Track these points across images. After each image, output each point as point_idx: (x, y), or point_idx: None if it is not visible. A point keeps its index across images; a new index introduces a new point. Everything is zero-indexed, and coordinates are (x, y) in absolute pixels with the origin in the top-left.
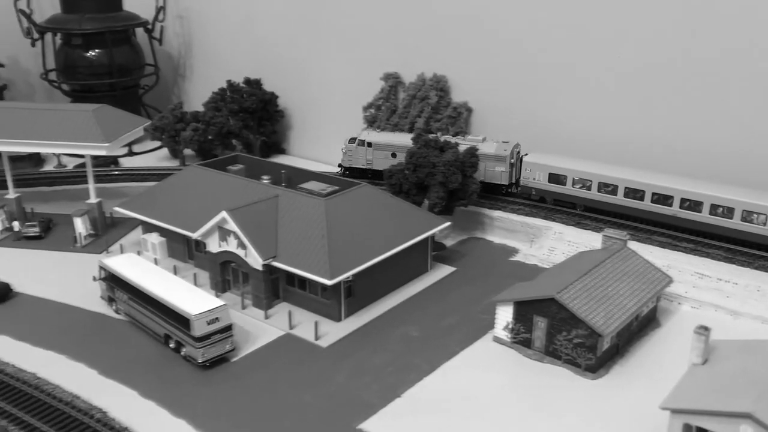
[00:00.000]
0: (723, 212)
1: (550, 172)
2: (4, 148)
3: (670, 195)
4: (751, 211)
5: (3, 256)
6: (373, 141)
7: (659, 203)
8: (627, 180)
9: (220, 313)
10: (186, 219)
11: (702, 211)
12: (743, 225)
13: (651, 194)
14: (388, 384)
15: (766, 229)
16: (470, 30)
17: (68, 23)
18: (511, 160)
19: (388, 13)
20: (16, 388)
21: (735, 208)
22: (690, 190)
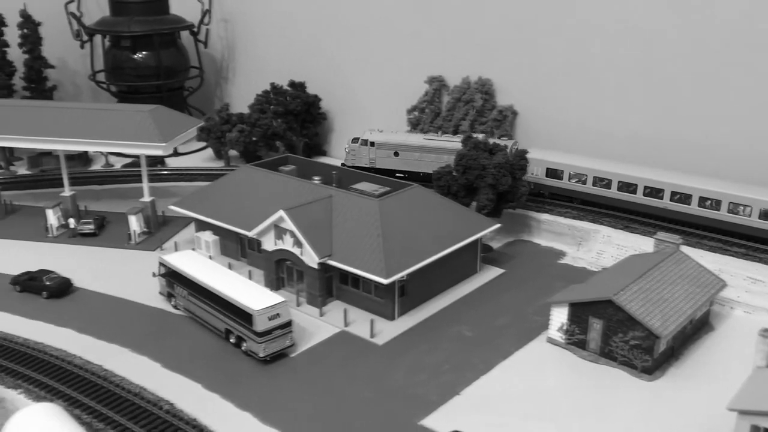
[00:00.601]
0: (711, 204)
1: (548, 167)
2: (62, 147)
3: (660, 188)
4: (737, 203)
5: (60, 252)
6: (376, 140)
7: (651, 196)
8: (620, 174)
9: (281, 309)
10: (240, 218)
11: (691, 204)
12: (730, 216)
13: (643, 187)
14: (446, 382)
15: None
16: (516, 34)
17: (117, 26)
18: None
19: (433, 18)
20: (85, 378)
21: (722, 200)
22: (679, 183)
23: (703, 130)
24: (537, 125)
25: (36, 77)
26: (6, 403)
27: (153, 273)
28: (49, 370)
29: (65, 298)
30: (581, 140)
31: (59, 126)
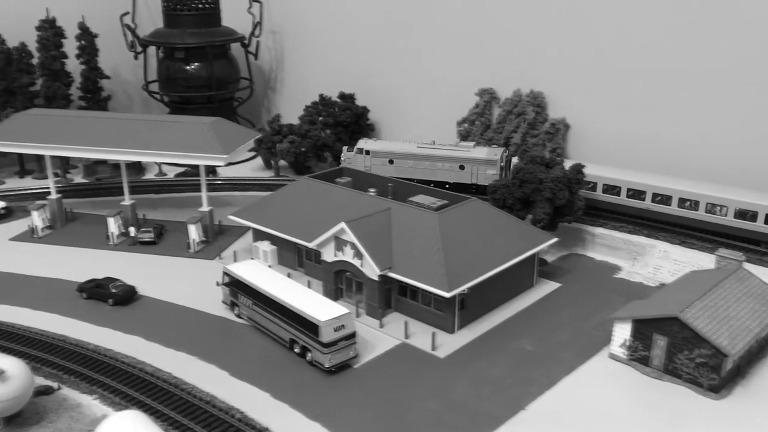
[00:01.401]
0: (690, 205)
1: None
2: (126, 158)
3: (642, 191)
4: (714, 204)
5: (121, 260)
6: (371, 149)
7: (634, 198)
8: (605, 177)
9: (346, 321)
10: (298, 228)
11: (671, 205)
12: (707, 216)
13: (626, 190)
14: (509, 396)
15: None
16: (569, 46)
17: (171, 37)
18: (501, 163)
19: (484, 30)
20: (157, 385)
21: (700, 201)
22: (661, 185)
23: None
24: (591, 137)
25: (92, 87)
26: (83, 409)
27: (217, 282)
28: (122, 377)
29: (130, 306)
30: (635, 154)
31: (123, 137)
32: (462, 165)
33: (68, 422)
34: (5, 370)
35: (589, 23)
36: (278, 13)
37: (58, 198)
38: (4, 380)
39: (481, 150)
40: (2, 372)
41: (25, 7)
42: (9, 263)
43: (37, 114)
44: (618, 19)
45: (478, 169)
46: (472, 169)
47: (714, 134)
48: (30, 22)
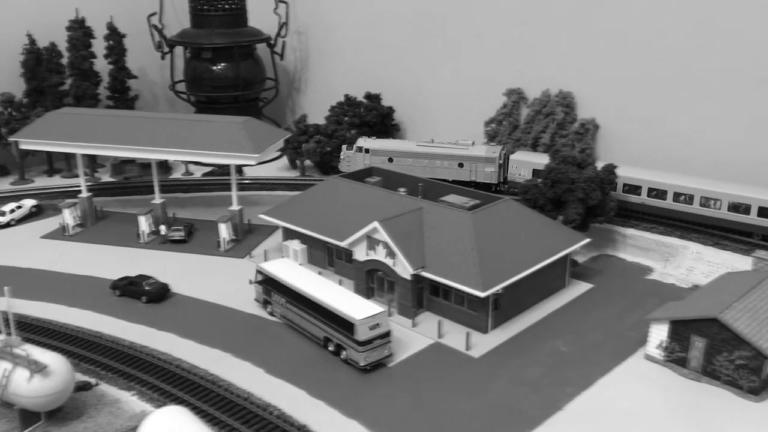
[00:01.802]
0: (685, 199)
1: (534, 168)
2: (157, 157)
3: (638, 185)
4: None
5: (152, 258)
6: (371, 147)
7: (630, 193)
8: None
9: (381, 319)
10: (329, 227)
11: (667, 199)
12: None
13: (622, 185)
14: (546, 396)
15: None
16: (599, 46)
17: (198, 38)
18: (499, 161)
19: (512, 30)
20: (195, 382)
21: (694, 195)
22: (656, 180)
23: None
24: (622, 137)
25: (120, 87)
26: (121, 405)
27: (250, 280)
28: (160, 373)
29: (163, 303)
30: (665, 154)
31: (155, 136)
32: (461, 163)
33: (108, 417)
34: (48, 365)
35: (619, 23)
36: (303, 14)
37: (88, 196)
38: (47, 375)
39: (479, 148)
40: (45, 367)
41: (54, 7)
42: (42, 260)
43: (69, 113)
44: (648, 20)
45: (476, 166)
46: (471, 166)
47: (745, 135)
48: (59, 23)
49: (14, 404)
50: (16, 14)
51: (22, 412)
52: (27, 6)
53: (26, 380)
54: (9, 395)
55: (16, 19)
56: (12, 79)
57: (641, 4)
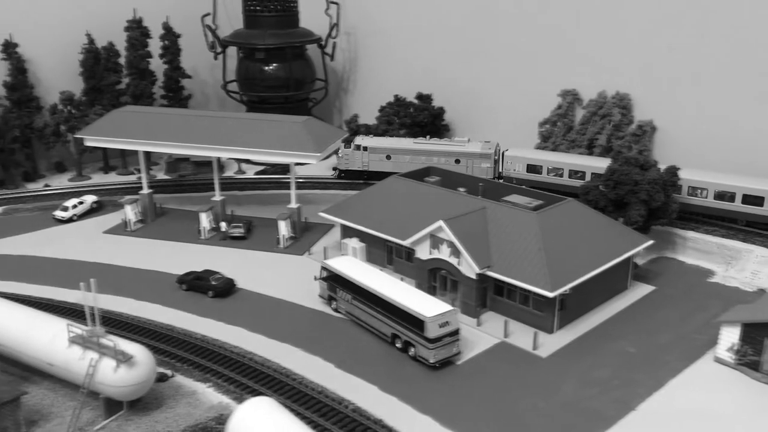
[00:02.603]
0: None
1: (528, 163)
2: (219, 155)
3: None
4: None
5: (212, 253)
6: (369, 145)
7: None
8: (594, 167)
9: (450, 317)
10: (390, 226)
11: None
12: None
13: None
14: (617, 397)
15: None
16: (655, 48)
17: (252, 38)
18: (495, 157)
19: (567, 32)
20: (269, 375)
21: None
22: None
23: None
24: (680, 139)
25: (174, 86)
26: (198, 396)
27: (315, 276)
28: (234, 366)
29: (229, 298)
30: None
31: (217, 134)
32: (458, 159)
33: (187, 408)
34: (134, 356)
35: (677, 24)
36: (353, 15)
37: (149, 193)
38: (132, 365)
39: (475, 144)
40: (131, 357)
41: (112, 7)
42: (106, 255)
43: (132, 111)
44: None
45: (473, 162)
46: (468, 162)
47: None
48: (117, 23)
49: (99, 393)
50: (76, 14)
51: (106, 400)
52: (86, 6)
53: (113, 370)
54: (95, 384)
55: (76, 19)
56: (72, 77)
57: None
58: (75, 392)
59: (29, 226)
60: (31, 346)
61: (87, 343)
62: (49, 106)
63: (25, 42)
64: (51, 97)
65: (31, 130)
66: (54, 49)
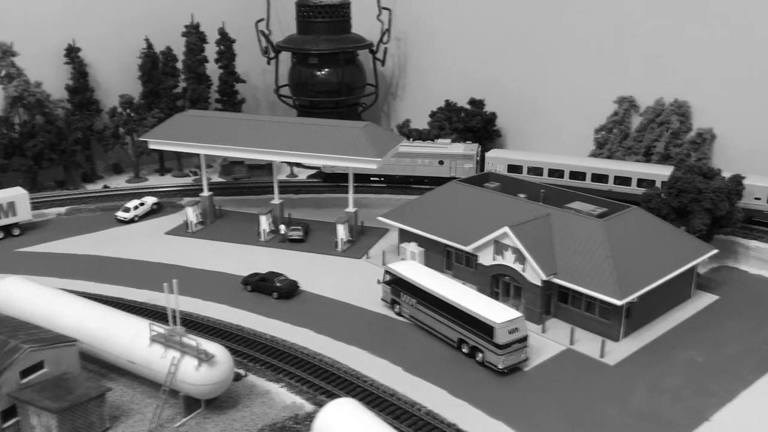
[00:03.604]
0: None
1: (509, 164)
2: (280, 159)
3: (605, 174)
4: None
5: (272, 255)
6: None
7: (597, 181)
8: (571, 165)
9: (519, 324)
10: (450, 231)
11: (631, 185)
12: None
13: (591, 175)
14: (690, 406)
15: None
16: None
17: (305, 44)
18: (476, 158)
19: (625, 38)
20: (340, 376)
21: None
22: (621, 168)
23: None
24: (739, 148)
25: (229, 91)
26: (272, 396)
27: (378, 280)
28: (305, 367)
29: (293, 300)
30: None
31: (278, 138)
32: (441, 160)
33: (262, 408)
34: (215, 355)
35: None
36: (403, 20)
37: (209, 195)
38: (213, 365)
39: (458, 146)
40: (212, 356)
41: (170, 13)
42: (169, 255)
43: (195, 115)
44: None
45: (456, 163)
46: (451, 163)
47: None
48: (174, 28)
49: (179, 391)
50: (135, 19)
51: (186, 398)
52: (145, 12)
53: (194, 369)
54: (176, 382)
55: (135, 25)
56: (130, 81)
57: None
58: (152, 389)
59: (92, 226)
60: (113, 344)
61: (169, 341)
62: (109, 109)
63: (86, 46)
64: (109, 101)
65: (92, 132)
66: (114, 54)
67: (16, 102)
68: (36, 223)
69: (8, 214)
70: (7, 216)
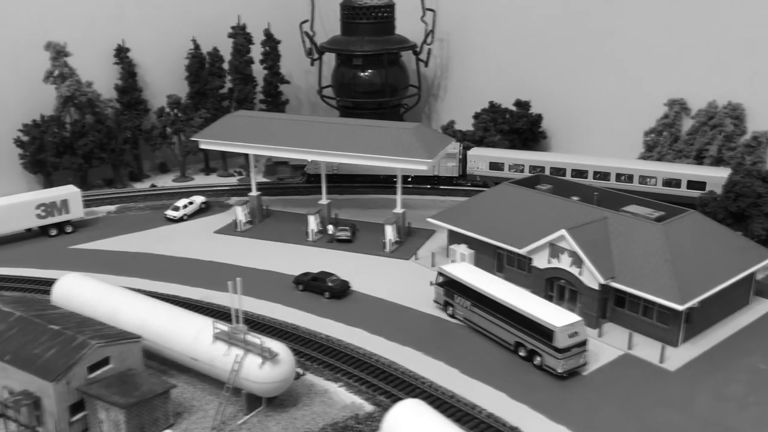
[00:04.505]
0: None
1: (491, 161)
2: (331, 159)
3: (585, 170)
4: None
5: (320, 255)
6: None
7: (579, 176)
8: (552, 162)
9: (579, 328)
10: (502, 233)
11: (610, 179)
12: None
13: (570, 170)
14: (756, 414)
15: None
16: None
17: (349, 45)
18: (459, 156)
19: (674, 37)
20: (398, 377)
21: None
22: (600, 164)
23: None
24: None
25: (273, 92)
26: (331, 395)
27: (430, 282)
28: (362, 367)
29: (345, 300)
30: None
31: (328, 139)
32: None
33: (322, 407)
34: (278, 353)
35: None
36: (446, 21)
37: (258, 195)
38: (277, 363)
39: None
40: (276, 355)
41: (217, 14)
42: (220, 254)
43: (245, 116)
44: None
45: (439, 162)
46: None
47: None
48: (220, 30)
49: (241, 389)
50: (183, 21)
51: (248, 396)
52: (192, 13)
53: (258, 366)
54: (239, 380)
55: (183, 26)
56: (177, 82)
57: None
58: (212, 386)
59: (142, 224)
60: (176, 341)
61: (232, 339)
62: (156, 109)
63: (135, 47)
64: (156, 101)
65: (140, 131)
66: (162, 55)
67: (68, 101)
68: (87, 221)
69: (62, 211)
70: (61, 213)
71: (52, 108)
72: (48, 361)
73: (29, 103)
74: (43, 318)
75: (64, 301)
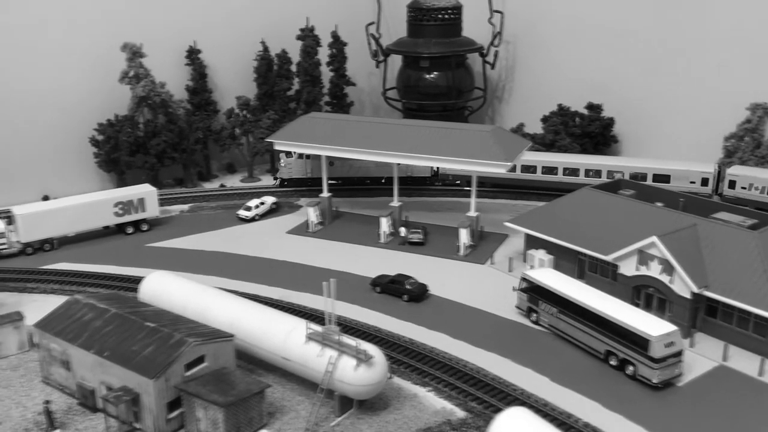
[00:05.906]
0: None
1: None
2: (405, 162)
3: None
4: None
5: (394, 258)
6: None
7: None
8: (541, 161)
9: (675, 338)
10: (584, 239)
11: (579, 176)
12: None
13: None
14: None
15: None
16: None
17: (416, 47)
18: None
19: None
20: (487, 383)
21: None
22: (569, 161)
23: None
24: None
25: (339, 93)
26: (420, 399)
27: (513, 287)
28: (450, 372)
29: (423, 303)
30: None
31: (403, 141)
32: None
33: (413, 411)
34: (374, 356)
35: None
36: (513, 23)
37: (329, 196)
38: (371, 365)
39: None
40: (371, 357)
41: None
42: (293, 254)
43: (319, 117)
44: None
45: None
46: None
47: None
48: (287, 32)
49: (335, 391)
50: (252, 23)
51: (340, 398)
52: (262, 15)
53: (353, 368)
54: (333, 382)
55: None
56: (245, 83)
57: None
58: (302, 387)
59: (214, 223)
60: (268, 340)
61: (326, 340)
62: (226, 110)
63: (206, 49)
64: (225, 102)
65: (210, 132)
66: (231, 56)
67: (142, 102)
68: (162, 219)
69: (138, 210)
70: (137, 212)
71: (127, 108)
72: (147, 358)
73: (105, 103)
74: (137, 315)
75: (152, 298)
